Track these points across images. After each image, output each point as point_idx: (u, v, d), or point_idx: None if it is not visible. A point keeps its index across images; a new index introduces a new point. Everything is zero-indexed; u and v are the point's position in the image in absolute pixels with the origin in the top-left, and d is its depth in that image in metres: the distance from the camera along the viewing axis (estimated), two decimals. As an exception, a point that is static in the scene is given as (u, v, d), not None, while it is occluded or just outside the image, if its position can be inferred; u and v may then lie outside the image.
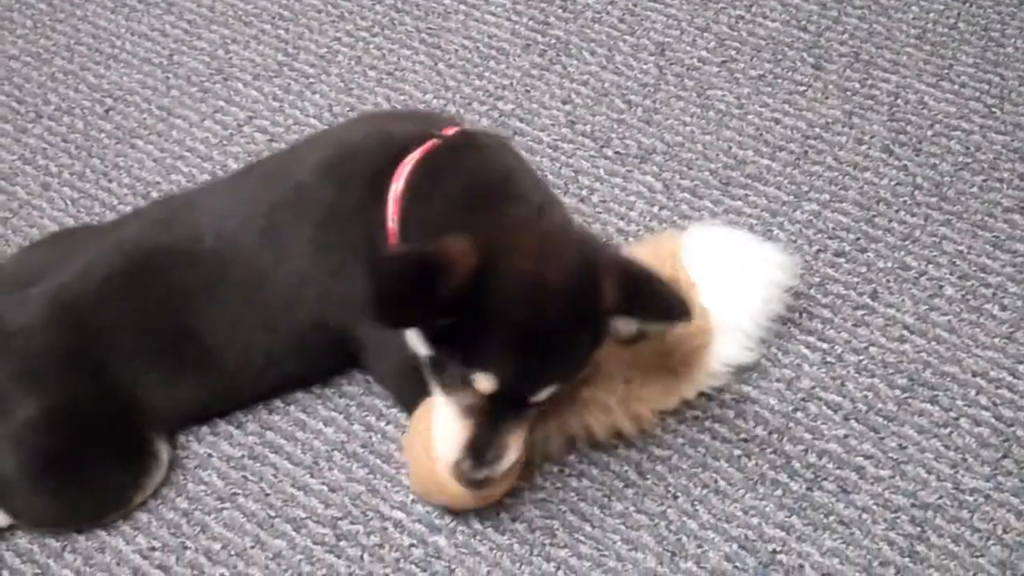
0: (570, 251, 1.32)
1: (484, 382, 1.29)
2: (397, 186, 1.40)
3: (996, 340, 1.56)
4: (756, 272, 1.52)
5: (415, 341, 1.34)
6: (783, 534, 1.42)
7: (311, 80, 1.98)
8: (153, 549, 1.48)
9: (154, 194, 1.83)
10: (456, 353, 1.30)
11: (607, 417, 1.45)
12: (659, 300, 1.32)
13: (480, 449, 1.33)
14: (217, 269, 1.48)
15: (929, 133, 1.79)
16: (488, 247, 1.27)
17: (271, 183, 1.52)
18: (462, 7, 2.06)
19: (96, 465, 1.47)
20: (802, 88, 1.87)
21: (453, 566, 1.43)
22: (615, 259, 1.34)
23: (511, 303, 1.27)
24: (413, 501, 1.48)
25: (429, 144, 1.43)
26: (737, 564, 1.40)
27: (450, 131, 1.47)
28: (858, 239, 1.67)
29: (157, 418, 1.51)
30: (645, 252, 1.55)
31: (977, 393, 1.51)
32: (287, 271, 1.47)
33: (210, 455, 1.55)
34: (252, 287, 1.48)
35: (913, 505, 1.43)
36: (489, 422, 1.32)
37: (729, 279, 1.51)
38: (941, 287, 1.61)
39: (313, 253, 1.45)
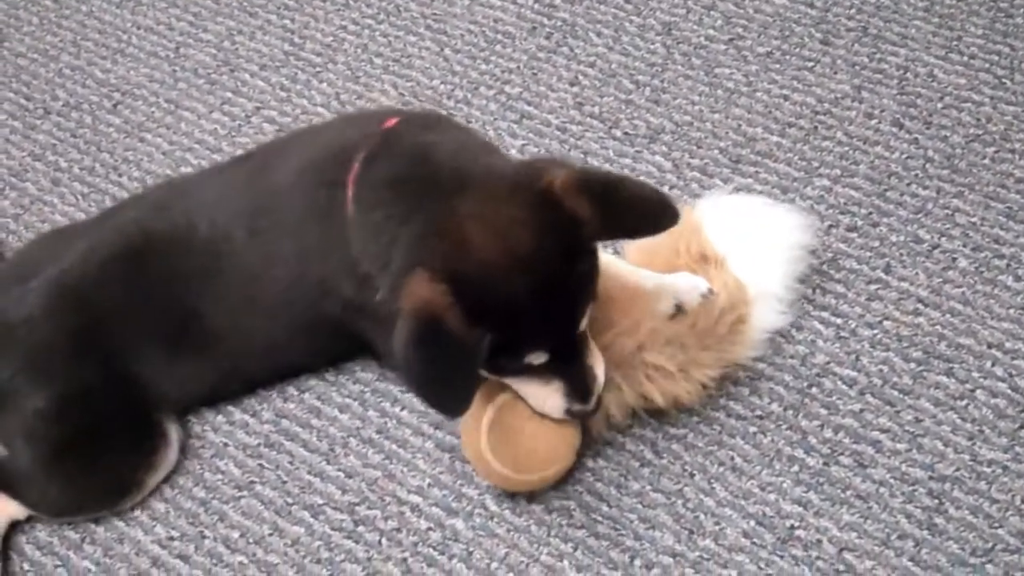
0: (519, 207, 1.26)
1: (538, 358, 1.31)
2: (349, 194, 1.38)
3: (1011, 311, 1.55)
4: (777, 236, 1.52)
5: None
6: (801, 510, 1.42)
7: (318, 69, 1.98)
8: (172, 539, 1.49)
9: (164, 186, 1.84)
10: (501, 351, 1.28)
11: (668, 384, 1.44)
12: (634, 200, 1.28)
13: (576, 387, 1.34)
14: (212, 258, 1.48)
15: (939, 105, 1.77)
16: (446, 263, 1.24)
17: (255, 182, 1.50)
18: (467, -8, 2.05)
19: (106, 449, 1.48)
20: (810, 64, 1.86)
21: (471, 548, 1.43)
22: (570, 179, 1.26)
23: (504, 291, 1.25)
24: (430, 485, 1.49)
25: (370, 145, 1.39)
26: (755, 540, 1.40)
27: (388, 125, 1.42)
28: (870, 213, 1.66)
29: (164, 399, 1.52)
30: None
31: (993, 364, 1.50)
32: (275, 276, 1.46)
33: (226, 444, 1.56)
34: (246, 282, 1.47)
35: (931, 478, 1.42)
36: (563, 366, 1.33)
37: (753, 247, 1.51)
38: (954, 259, 1.61)
39: (297, 265, 1.44)
